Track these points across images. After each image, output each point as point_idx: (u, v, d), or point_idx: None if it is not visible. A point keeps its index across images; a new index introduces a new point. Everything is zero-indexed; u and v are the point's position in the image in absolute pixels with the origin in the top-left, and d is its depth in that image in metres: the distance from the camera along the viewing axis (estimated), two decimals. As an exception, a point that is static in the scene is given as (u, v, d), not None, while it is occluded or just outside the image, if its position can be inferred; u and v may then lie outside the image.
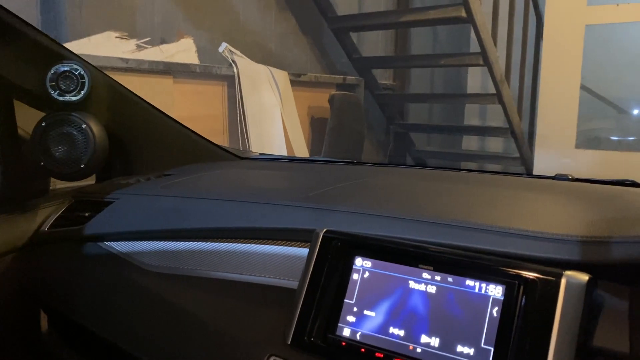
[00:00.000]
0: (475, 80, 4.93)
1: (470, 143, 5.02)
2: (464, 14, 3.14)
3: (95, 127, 1.07)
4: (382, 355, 0.62)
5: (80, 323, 0.95)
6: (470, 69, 4.94)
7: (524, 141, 3.85)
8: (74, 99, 1.05)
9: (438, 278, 0.63)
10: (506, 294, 0.59)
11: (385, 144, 4.37)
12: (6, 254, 0.98)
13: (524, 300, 0.58)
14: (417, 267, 0.65)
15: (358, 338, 0.65)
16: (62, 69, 1.04)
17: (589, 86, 3.52)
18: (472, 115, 5.08)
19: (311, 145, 3.44)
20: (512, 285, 0.59)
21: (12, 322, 1.01)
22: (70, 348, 1.03)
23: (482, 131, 4.44)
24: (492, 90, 3.63)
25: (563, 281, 0.56)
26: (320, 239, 0.72)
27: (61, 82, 1.05)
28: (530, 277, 0.58)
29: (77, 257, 0.98)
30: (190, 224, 0.88)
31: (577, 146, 3.35)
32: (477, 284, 0.61)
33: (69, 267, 0.99)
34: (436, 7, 3.36)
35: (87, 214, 1.02)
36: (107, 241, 0.95)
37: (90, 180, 1.20)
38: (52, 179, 1.19)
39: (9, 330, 1.01)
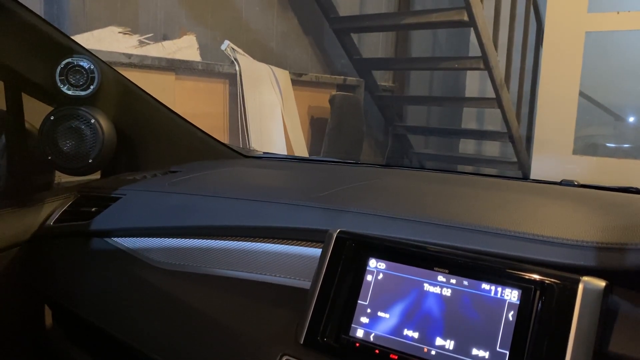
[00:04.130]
0: (474, 84, 4.95)
1: (467, 147, 5.04)
2: (466, 18, 3.15)
3: (103, 122, 1.07)
4: (396, 357, 0.62)
5: (85, 318, 0.94)
6: (468, 72, 4.96)
7: (521, 146, 3.86)
8: (83, 93, 1.05)
9: (453, 281, 0.64)
10: (522, 298, 0.59)
11: (384, 146, 4.38)
12: (11, 248, 0.97)
13: (540, 305, 0.58)
14: (432, 269, 0.65)
15: (372, 339, 0.65)
16: (72, 62, 1.04)
17: (587, 93, 3.54)
18: (469, 119, 5.10)
19: (311, 145, 3.44)
20: (528, 289, 0.59)
21: (16, 316, 1.00)
22: (74, 343, 1.02)
23: (481, 135, 4.46)
24: (490, 94, 3.64)
25: (580, 287, 0.57)
26: (333, 240, 0.72)
27: (71, 76, 1.04)
28: (547, 282, 0.59)
29: (83, 252, 0.97)
30: (200, 221, 0.88)
31: (575, 152, 3.37)
32: (493, 287, 0.61)
33: (74, 262, 0.98)
34: (438, 10, 3.37)
35: (93, 209, 1.02)
36: (114, 237, 0.95)
37: (95, 175, 1.20)
38: (57, 173, 1.19)
39: (13, 324, 1.00)
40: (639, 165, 3.24)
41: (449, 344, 0.61)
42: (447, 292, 0.64)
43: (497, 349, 0.59)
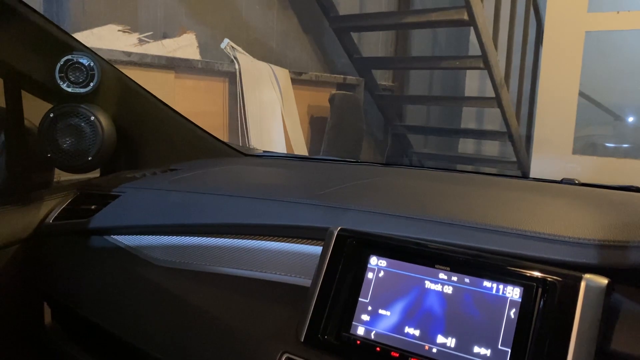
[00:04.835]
0: (473, 83, 4.94)
1: (466, 146, 5.04)
2: (466, 17, 3.15)
3: (103, 120, 1.07)
4: (397, 355, 0.62)
5: (84, 316, 0.94)
6: (468, 72, 4.96)
7: (521, 146, 3.86)
8: (82, 90, 1.04)
9: (455, 279, 0.63)
10: (524, 296, 0.59)
11: (384, 145, 4.38)
12: (10, 246, 0.97)
13: (542, 302, 0.58)
14: (433, 267, 0.65)
15: (372, 337, 0.65)
16: (72, 60, 1.03)
17: (586, 92, 3.54)
18: (469, 119, 5.09)
19: (310, 144, 3.44)
20: (530, 287, 0.59)
21: (15, 314, 1.00)
22: (74, 341, 1.02)
23: (481, 135, 4.46)
24: (490, 94, 3.64)
25: (582, 284, 0.56)
26: (334, 237, 0.71)
27: (70, 74, 1.04)
28: (549, 279, 0.58)
29: (83, 250, 0.97)
30: (200, 219, 0.88)
31: (574, 152, 3.37)
32: (495, 285, 0.61)
33: (73, 259, 0.98)
34: (438, 9, 3.36)
35: (92, 206, 1.02)
36: (114, 235, 0.94)
37: (95, 173, 1.20)
38: (56, 171, 1.18)
39: (12, 323, 1.00)
40: (638, 165, 3.24)
41: (451, 342, 0.61)
42: (448, 289, 0.63)
43: (499, 346, 0.58)
